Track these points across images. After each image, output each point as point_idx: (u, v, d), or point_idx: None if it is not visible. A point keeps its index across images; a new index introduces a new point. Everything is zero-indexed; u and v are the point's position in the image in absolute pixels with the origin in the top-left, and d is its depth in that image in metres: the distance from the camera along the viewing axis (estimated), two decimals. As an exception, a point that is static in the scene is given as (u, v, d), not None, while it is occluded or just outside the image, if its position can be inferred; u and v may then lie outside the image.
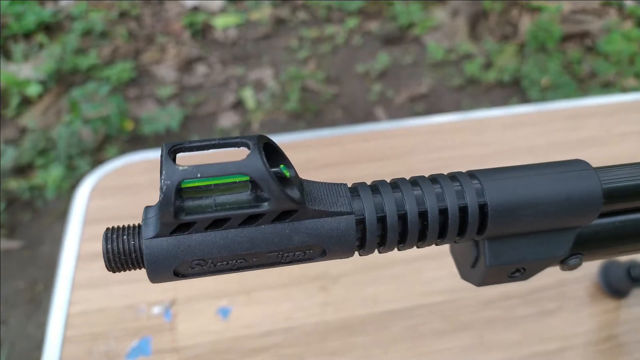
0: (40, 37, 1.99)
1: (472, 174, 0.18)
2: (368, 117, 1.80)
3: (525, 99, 1.71)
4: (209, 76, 1.93)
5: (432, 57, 1.95)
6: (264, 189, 0.14)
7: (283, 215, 0.16)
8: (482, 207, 0.17)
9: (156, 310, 0.45)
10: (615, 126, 0.64)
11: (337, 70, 1.95)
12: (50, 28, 2.07)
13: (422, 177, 0.18)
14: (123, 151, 1.64)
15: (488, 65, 1.89)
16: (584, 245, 0.19)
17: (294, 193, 0.16)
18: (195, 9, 2.22)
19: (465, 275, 0.20)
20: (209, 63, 1.98)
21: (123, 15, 2.18)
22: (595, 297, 0.47)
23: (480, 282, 0.19)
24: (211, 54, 2.01)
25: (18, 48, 1.92)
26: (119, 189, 0.55)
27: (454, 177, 0.18)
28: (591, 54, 1.79)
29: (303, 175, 0.59)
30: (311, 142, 0.60)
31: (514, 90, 1.78)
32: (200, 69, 1.96)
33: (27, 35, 2.06)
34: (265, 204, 0.15)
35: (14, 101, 1.78)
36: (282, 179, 0.16)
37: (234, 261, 0.16)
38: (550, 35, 1.67)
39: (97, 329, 0.43)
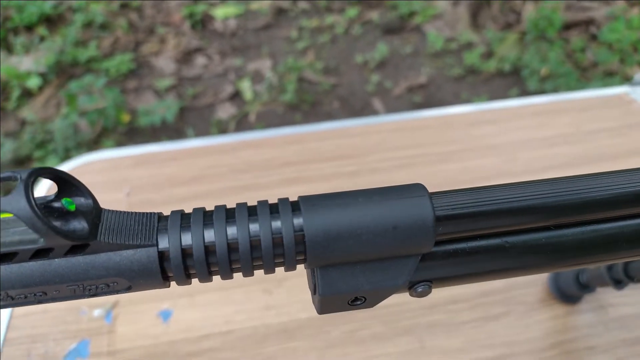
0: (41, 30, 2.00)
1: (295, 202, 0.18)
2: (365, 108, 1.78)
3: (525, 89, 1.68)
4: (208, 67, 1.92)
5: (432, 47, 1.92)
6: (29, 226, 0.13)
7: (76, 249, 0.15)
8: (300, 238, 0.16)
9: (97, 312, 0.45)
10: (586, 123, 0.62)
11: (336, 61, 1.93)
12: (52, 20, 2.08)
13: (242, 204, 0.17)
14: (120, 143, 1.65)
15: (489, 55, 1.85)
16: (430, 272, 0.18)
17: (77, 227, 0.15)
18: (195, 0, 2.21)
19: (313, 301, 0.19)
20: (208, 54, 1.98)
21: (124, 6, 2.18)
22: (545, 302, 0.46)
23: (319, 309, 0.19)
24: (210, 45, 2.01)
25: (19, 41, 1.94)
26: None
27: (275, 205, 0.17)
28: (595, 42, 1.75)
29: (261, 175, 0.59)
30: (272, 141, 0.60)
31: (515, 80, 1.75)
32: (199, 60, 1.96)
33: (29, 28, 2.08)
34: (41, 239, 0.14)
35: (15, 94, 1.80)
36: (63, 213, 0.15)
37: (33, 294, 0.15)
38: (550, 23, 1.64)
39: (38, 331, 0.44)
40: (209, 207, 0.57)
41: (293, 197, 0.58)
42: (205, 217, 0.17)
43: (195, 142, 0.59)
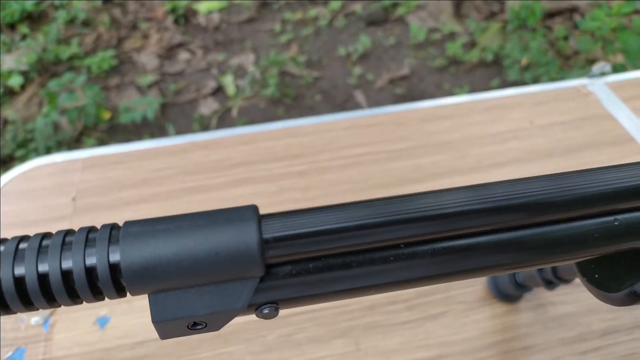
0: (23, 28, 1.99)
1: (116, 228, 0.17)
2: (348, 100, 1.77)
3: (506, 80, 1.67)
4: (191, 62, 1.92)
5: (415, 38, 1.91)
6: None
7: None
8: (115, 267, 0.16)
9: (35, 320, 0.45)
10: (539, 117, 0.61)
11: (319, 53, 1.92)
12: (33, 18, 2.06)
13: (57, 233, 0.17)
14: (101, 141, 1.65)
15: (472, 45, 1.84)
16: (273, 294, 0.18)
17: None
18: (179, -6, 2.19)
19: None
20: (191, 49, 1.97)
21: (107, 1, 2.17)
22: (485, 301, 0.46)
23: (160, 335, 0.18)
24: (194, 40, 2.00)
25: (0, 39, 1.92)
26: (22, 193, 0.54)
27: (92, 230, 0.17)
28: (579, 31, 1.74)
29: (211, 176, 0.58)
30: (223, 142, 0.59)
31: (497, 70, 1.74)
32: (182, 55, 1.95)
33: (11, 26, 2.06)
34: None
35: (-4, 93, 1.79)
36: None
37: None
38: (532, 12, 1.62)
39: (-25, 340, 0.43)
40: (155, 210, 0.56)
41: (242, 199, 0.57)
42: (19, 243, 0.16)
43: (144, 144, 0.59)
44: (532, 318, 0.45)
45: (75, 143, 1.64)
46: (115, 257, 0.16)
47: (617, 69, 1.65)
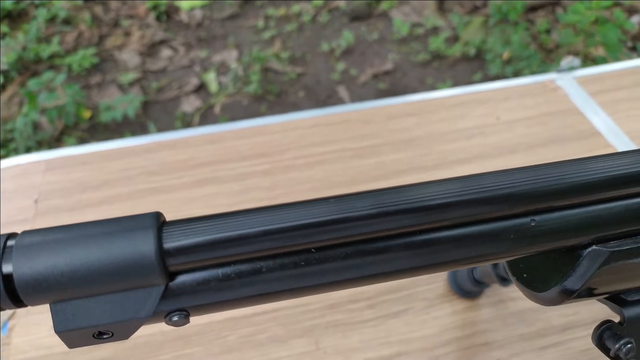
0: (2, 27, 1.97)
1: (13, 237, 0.17)
2: (331, 96, 1.77)
3: (488, 74, 1.67)
4: (173, 60, 1.90)
5: (398, 33, 1.90)
6: None
7: None
8: (8, 278, 0.16)
9: (-7, 324, 0.44)
10: (507, 113, 0.61)
11: (302, 49, 1.91)
12: (13, 17, 2.04)
13: None
14: (82, 140, 1.64)
15: (455, 39, 1.84)
16: (181, 302, 0.17)
17: None
18: (161, -10, 2.17)
19: None
20: (173, 46, 1.96)
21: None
22: (445, 298, 0.46)
23: (67, 344, 0.18)
24: (176, 37, 1.98)
25: (-21, 38, 1.90)
26: (-17, 197, 0.54)
27: None
28: (561, 24, 1.74)
29: (174, 176, 0.58)
30: (188, 141, 0.59)
31: (479, 64, 1.74)
32: (164, 53, 1.94)
33: (-8, 25, 2.04)
34: None
35: (-24, 93, 1.77)
36: None
37: None
38: (513, 7, 1.62)
39: None
40: (117, 212, 0.56)
41: (205, 199, 0.56)
42: None
43: (108, 144, 0.58)
44: (492, 314, 0.45)
45: (55, 143, 1.62)
46: (8, 268, 0.16)
47: (598, 61, 1.65)
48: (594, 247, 0.20)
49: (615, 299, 0.23)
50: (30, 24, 1.98)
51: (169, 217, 0.59)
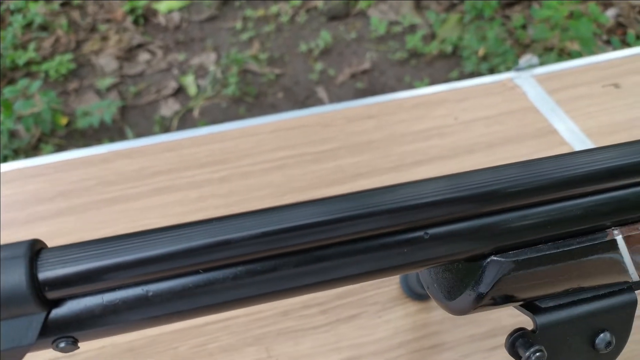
0: (-23, 34, 1.95)
1: None
2: (310, 97, 1.77)
3: (464, 71, 1.68)
4: (151, 63, 1.89)
5: (376, 31, 1.91)
6: None
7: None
8: None
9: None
10: (465, 113, 0.62)
11: (281, 50, 1.91)
12: (-12, 24, 2.02)
13: None
14: (60, 147, 1.62)
15: (432, 37, 1.85)
16: (66, 329, 0.17)
17: None
18: (138, -6, 2.16)
19: None
20: (151, 49, 1.95)
21: (65, 4, 2.13)
22: (398, 301, 0.46)
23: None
24: (154, 40, 1.97)
25: (-47, 47, 1.88)
26: None
27: None
28: (535, 19, 1.75)
29: (131, 186, 0.57)
30: (145, 150, 0.59)
31: (457, 61, 1.75)
32: (142, 56, 1.93)
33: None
34: None
35: (-49, 103, 1.75)
36: None
37: None
38: (488, 3, 1.63)
39: None
40: (72, 224, 0.55)
41: (161, 209, 0.56)
42: None
43: (64, 155, 0.58)
44: (442, 316, 0.45)
45: (33, 150, 1.61)
46: None
47: (574, 55, 1.67)
48: (492, 257, 0.20)
49: (530, 306, 0.23)
50: (6, 30, 1.96)
51: (125, 228, 0.59)
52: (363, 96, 1.77)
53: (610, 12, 1.93)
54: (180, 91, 1.80)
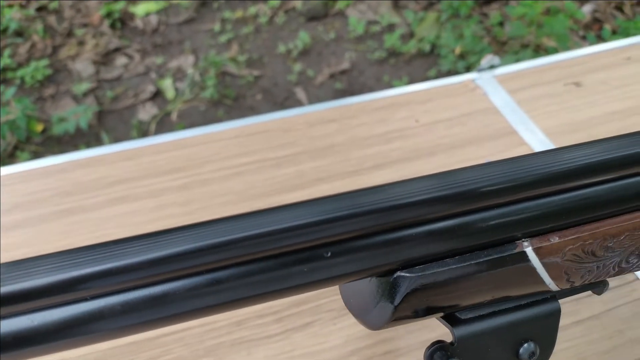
0: (-49, 41, 1.92)
1: None
2: (289, 98, 1.77)
3: (441, 69, 1.68)
4: (128, 67, 1.88)
5: (354, 31, 1.90)
6: None
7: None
8: None
9: None
10: (426, 115, 0.62)
11: (260, 52, 1.90)
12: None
13: None
14: (37, 154, 1.61)
15: (410, 36, 1.85)
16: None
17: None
18: (115, -3, 2.14)
19: None
20: (128, 53, 1.93)
21: (41, 9, 2.11)
22: (354, 307, 0.46)
23: None
24: (131, 44, 1.96)
25: None
26: None
27: None
28: (510, 17, 1.76)
29: (88, 196, 0.57)
30: (105, 158, 0.58)
31: (435, 59, 1.75)
32: (119, 60, 1.91)
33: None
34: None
35: None
36: None
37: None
38: (463, 2, 1.64)
39: None
40: (26, 237, 0.54)
41: (117, 219, 0.55)
42: None
43: (19, 167, 0.57)
44: (399, 321, 0.45)
45: (9, 158, 1.59)
46: None
47: (550, 52, 1.67)
48: (399, 273, 0.20)
49: (450, 318, 0.23)
50: (-21, 37, 1.93)
51: (80, 239, 0.58)
52: (342, 96, 1.77)
53: (587, 8, 1.94)
54: (158, 95, 1.78)
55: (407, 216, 0.19)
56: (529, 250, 0.21)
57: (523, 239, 0.21)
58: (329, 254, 0.19)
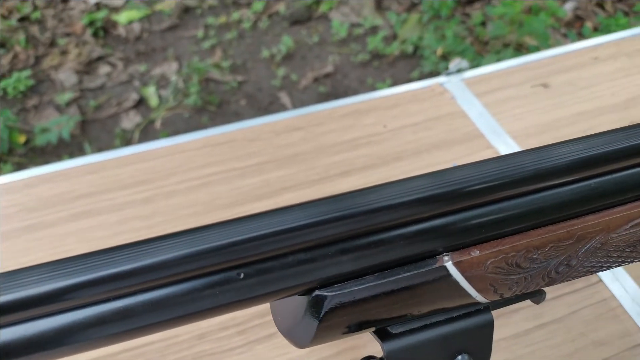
0: None
1: None
2: (273, 103, 1.76)
3: (423, 71, 1.68)
4: (111, 76, 1.87)
5: (337, 34, 1.90)
6: None
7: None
8: None
9: None
10: (394, 120, 0.61)
11: (243, 57, 1.90)
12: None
13: None
14: (20, 166, 1.60)
15: (393, 38, 1.85)
16: None
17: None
18: (97, 5, 2.14)
19: None
20: (111, 62, 1.92)
21: (23, 19, 2.10)
22: (317, 317, 0.45)
23: None
24: (114, 52, 1.95)
25: None
26: None
27: None
28: (490, 16, 1.76)
29: (50, 212, 0.56)
30: (69, 172, 0.58)
31: (418, 61, 1.75)
32: (102, 69, 1.90)
33: None
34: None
35: None
36: None
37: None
38: (444, 3, 1.64)
39: None
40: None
41: (80, 234, 0.55)
42: None
43: (-18, 183, 0.57)
44: (361, 330, 0.45)
45: (-9, 170, 1.58)
46: None
47: (531, 50, 1.68)
48: (317, 292, 0.20)
49: (381, 332, 0.23)
50: (-39, 49, 1.92)
51: (42, 256, 0.57)
52: (326, 100, 1.77)
53: (569, 6, 1.95)
54: (141, 103, 1.78)
55: (318, 236, 0.19)
56: (450, 265, 0.21)
57: (444, 254, 0.21)
58: (242, 276, 0.19)
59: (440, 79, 0.66)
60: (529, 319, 0.44)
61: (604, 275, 0.47)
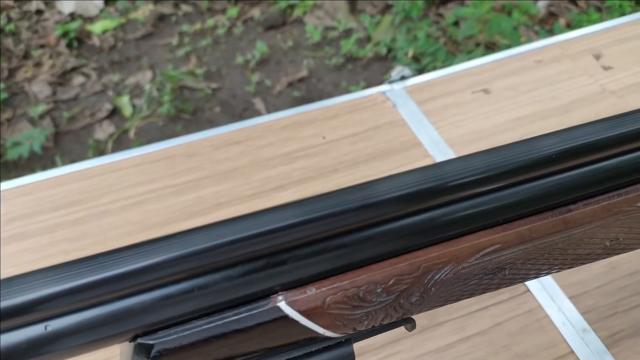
0: None
1: None
2: (247, 109, 1.76)
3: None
4: (85, 86, 1.86)
5: (311, 38, 1.90)
6: None
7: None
8: None
9: None
10: (334, 131, 0.61)
11: (218, 64, 1.89)
12: None
13: None
14: (-8, 180, 1.58)
15: (367, 40, 1.85)
16: None
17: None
18: (72, 16, 2.12)
19: None
20: (85, 72, 1.91)
21: (-3, 32, 2.09)
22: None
23: None
24: (88, 62, 1.94)
25: None
26: None
27: None
28: (459, 17, 1.76)
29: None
30: (4, 195, 0.57)
31: (392, 62, 1.75)
32: (76, 80, 1.89)
33: None
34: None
35: None
36: None
37: None
38: (414, 4, 1.64)
39: None
40: None
41: (9, 259, 0.54)
42: None
43: None
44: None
45: (-37, 186, 1.57)
46: None
47: (502, 48, 1.68)
48: (139, 340, 0.19)
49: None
50: None
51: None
52: (301, 104, 1.76)
53: (542, 3, 1.95)
54: (115, 113, 1.77)
55: (135, 282, 0.18)
56: (283, 305, 0.20)
57: (279, 293, 0.20)
58: (49, 328, 0.18)
59: (383, 87, 0.65)
60: (453, 332, 0.44)
61: (532, 284, 0.46)
